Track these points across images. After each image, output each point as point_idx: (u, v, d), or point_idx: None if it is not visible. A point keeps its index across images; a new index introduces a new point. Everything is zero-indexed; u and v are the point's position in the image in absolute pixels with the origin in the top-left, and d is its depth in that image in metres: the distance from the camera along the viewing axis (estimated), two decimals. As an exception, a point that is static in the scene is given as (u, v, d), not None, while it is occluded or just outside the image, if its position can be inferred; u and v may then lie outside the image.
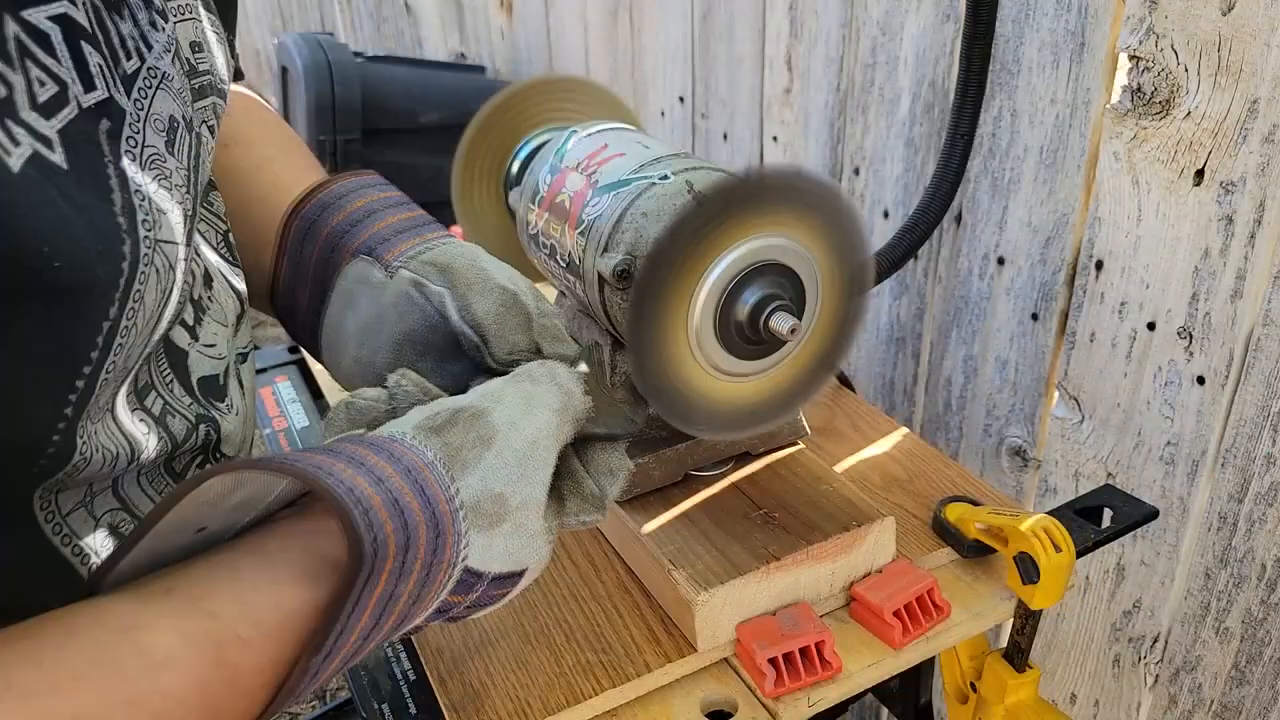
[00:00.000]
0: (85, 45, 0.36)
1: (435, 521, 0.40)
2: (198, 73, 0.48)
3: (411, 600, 0.39)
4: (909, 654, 0.59)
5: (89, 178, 0.35)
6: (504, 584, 0.44)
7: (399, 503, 0.38)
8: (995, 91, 0.90)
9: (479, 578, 0.43)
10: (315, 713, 1.60)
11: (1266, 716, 0.81)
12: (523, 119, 0.73)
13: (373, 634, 0.39)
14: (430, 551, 0.39)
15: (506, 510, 0.43)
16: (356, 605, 0.36)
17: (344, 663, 0.39)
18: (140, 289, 0.37)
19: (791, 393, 0.56)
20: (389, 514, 0.38)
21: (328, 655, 0.36)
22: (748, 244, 0.50)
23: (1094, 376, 0.88)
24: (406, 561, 0.38)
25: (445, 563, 0.40)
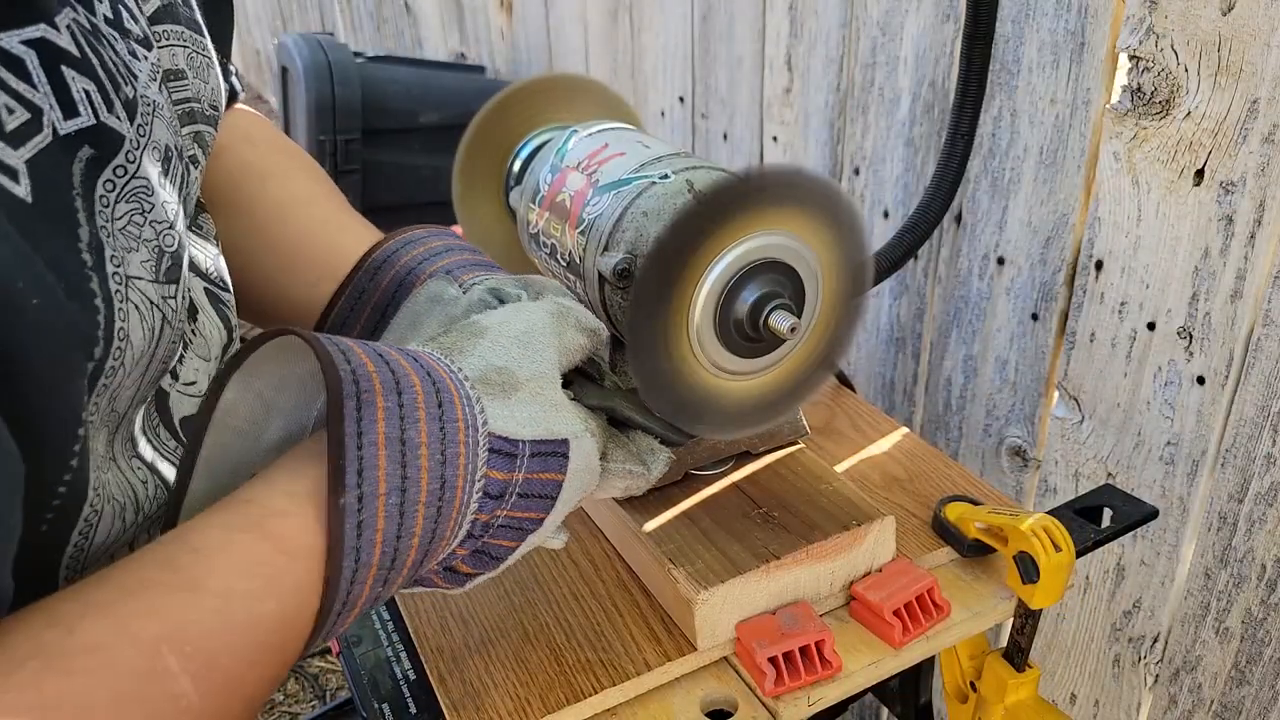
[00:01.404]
0: (68, 71, 0.36)
1: (429, 376, 0.41)
2: (176, 101, 0.48)
3: (438, 456, 0.39)
4: (909, 653, 0.59)
5: (55, 211, 0.34)
6: (549, 462, 0.44)
7: (383, 355, 0.40)
8: (995, 91, 0.90)
9: (515, 446, 0.43)
10: (315, 713, 1.60)
11: (1266, 716, 0.81)
12: (523, 118, 0.73)
13: (406, 487, 0.38)
14: (433, 402, 0.40)
15: (516, 381, 0.44)
16: (361, 436, 0.37)
17: (390, 522, 0.38)
18: (124, 326, 0.36)
19: (791, 392, 0.56)
20: (369, 357, 0.39)
21: (360, 498, 0.37)
22: (748, 242, 0.50)
23: (1094, 376, 0.88)
24: (404, 404, 0.39)
25: (460, 421, 0.41)
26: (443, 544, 0.42)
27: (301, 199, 0.65)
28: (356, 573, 0.38)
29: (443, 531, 0.41)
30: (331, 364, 0.38)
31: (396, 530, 0.39)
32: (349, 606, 0.39)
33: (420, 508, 0.39)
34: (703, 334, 0.51)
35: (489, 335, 0.46)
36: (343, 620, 0.39)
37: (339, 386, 0.37)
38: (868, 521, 0.60)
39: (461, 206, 0.74)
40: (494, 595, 0.63)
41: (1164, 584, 0.87)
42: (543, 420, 0.45)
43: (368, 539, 0.37)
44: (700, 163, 0.59)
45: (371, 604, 0.41)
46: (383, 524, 0.38)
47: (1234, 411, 0.77)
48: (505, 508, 0.44)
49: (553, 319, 0.49)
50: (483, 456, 0.42)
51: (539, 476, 0.44)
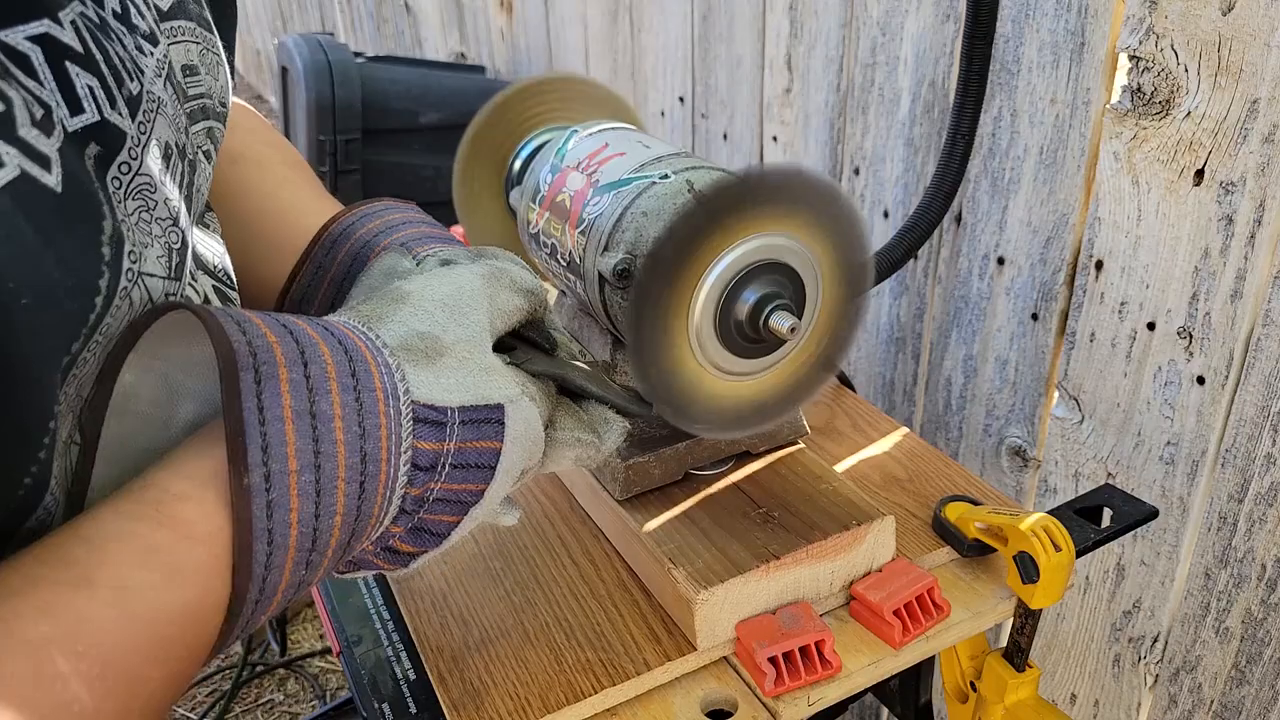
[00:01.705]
0: (72, 66, 0.35)
1: (341, 345, 0.39)
2: (189, 97, 0.47)
3: (355, 429, 0.37)
4: (909, 653, 0.59)
5: (82, 202, 0.34)
6: (484, 429, 0.42)
7: (288, 326, 0.38)
8: (995, 91, 0.90)
9: (443, 415, 0.41)
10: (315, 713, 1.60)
11: (1266, 716, 0.81)
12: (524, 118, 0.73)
13: (321, 463, 0.36)
14: (345, 372, 0.38)
15: (442, 346, 0.42)
16: (264, 412, 0.35)
17: (305, 501, 0.36)
18: (110, 323, 0.35)
19: (792, 392, 0.56)
20: (270, 328, 0.37)
21: (268, 477, 0.35)
22: (748, 243, 0.50)
23: (1094, 376, 0.88)
24: (312, 376, 0.37)
25: (379, 390, 0.39)
26: (371, 522, 0.40)
27: (271, 181, 0.64)
28: (271, 556, 0.35)
29: (369, 509, 0.39)
30: (224, 337, 0.36)
31: (314, 509, 0.36)
32: (268, 593, 0.36)
33: (340, 484, 0.37)
34: (703, 334, 0.51)
35: (411, 300, 0.44)
36: (261, 609, 0.37)
37: (233, 359, 0.35)
38: (867, 521, 0.60)
39: (462, 206, 0.74)
40: (494, 595, 0.63)
41: (1164, 584, 0.87)
42: (472, 386, 0.42)
43: (281, 519, 0.35)
44: (700, 163, 0.59)
45: (297, 589, 0.39)
46: (297, 503, 0.36)
47: (1234, 411, 0.77)
48: (439, 480, 0.41)
49: (484, 281, 0.46)
50: (407, 427, 0.40)
51: (473, 445, 0.42)
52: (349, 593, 0.67)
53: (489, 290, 0.46)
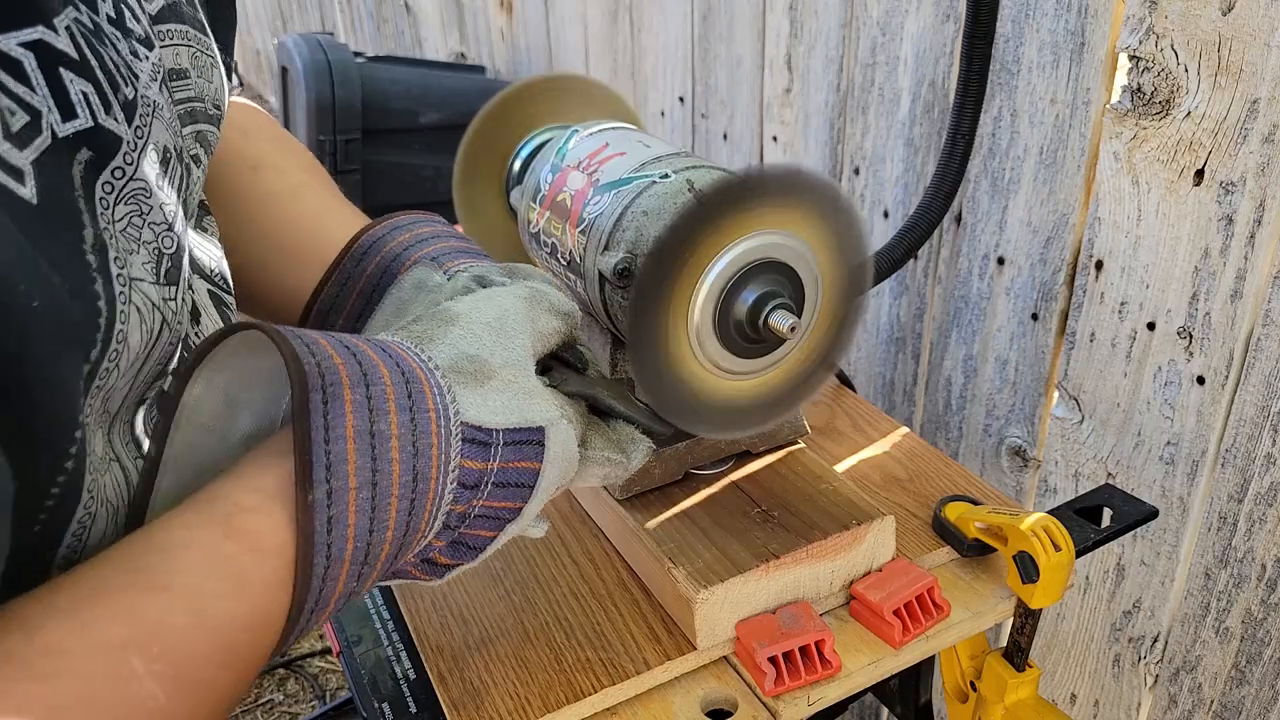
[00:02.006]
0: (66, 72, 0.35)
1: (399, 367, 0.41)
2: (178, 101, 0.48)
3: (409, 448, 0.39)
4: (909, 653, 0.59)
5: (60, 213, 0.34)
6: (525, 450, 0.44)
7: (350, 348, 0.40)
8: (995, 91, 0.90)
9: (489, 435, 0.43)
10: (315, 713, 1.60)
11: (1266, 716, 0.81)
12: (525, 118, 0.73)
13: (378, 480, 0.38)
14: (403, 393, 0.40)
15: (490, 369, 0.44)
16: (329, 431, 0.36)
17: (362, 517, 0.37)
18: (123, 329, 0.36)
19: (791, 391, 0.56)
20: (336, 350, 0.39)
21: (330, 494, 0.36)
22: (747, 242, 0.50)
23: (1094, 376, 0.88)
24: (373, 396, 0.38)
25: (431, 410, 0.40)
26: (418, 537, 0.42)
27: (293, 188, 0.65)
28: (329, 569, 0.37)
29: (417, 524, 0.41)
30: (296, 358, 0.37)
31: (369, 525, 0.38)
32: (322, 604, 0.38)
33: (393, 501, 0.39)
34: (703, 333, 0.51)
35: (460, 322, 0.46)
36: (316, 617, 0.38)
37: (304, 381, 0.37)
38: (867, 521, 0.60)
39: (462, 206, 0.74)
40: (494, 595, 0.63)
41: (1164, 584, 0.87)
42: (517, 409, 0.44)
43: (339, 534, 0.37)
44: (700, 162, 0.59)
45: (346, 599, 0.40)
46: (354, 519, 0.37)
47: (1234, 411, 0.77)
48: (481, 498, 0.43)
49: (526, 304, 0.48)
50: (456, 447, 0.41)
51: (515, 466, 0.44)
52: (349, 592, 0.67)
53: (531, 314, 0.48)
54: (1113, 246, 0.83)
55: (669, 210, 0.55)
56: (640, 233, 0.55)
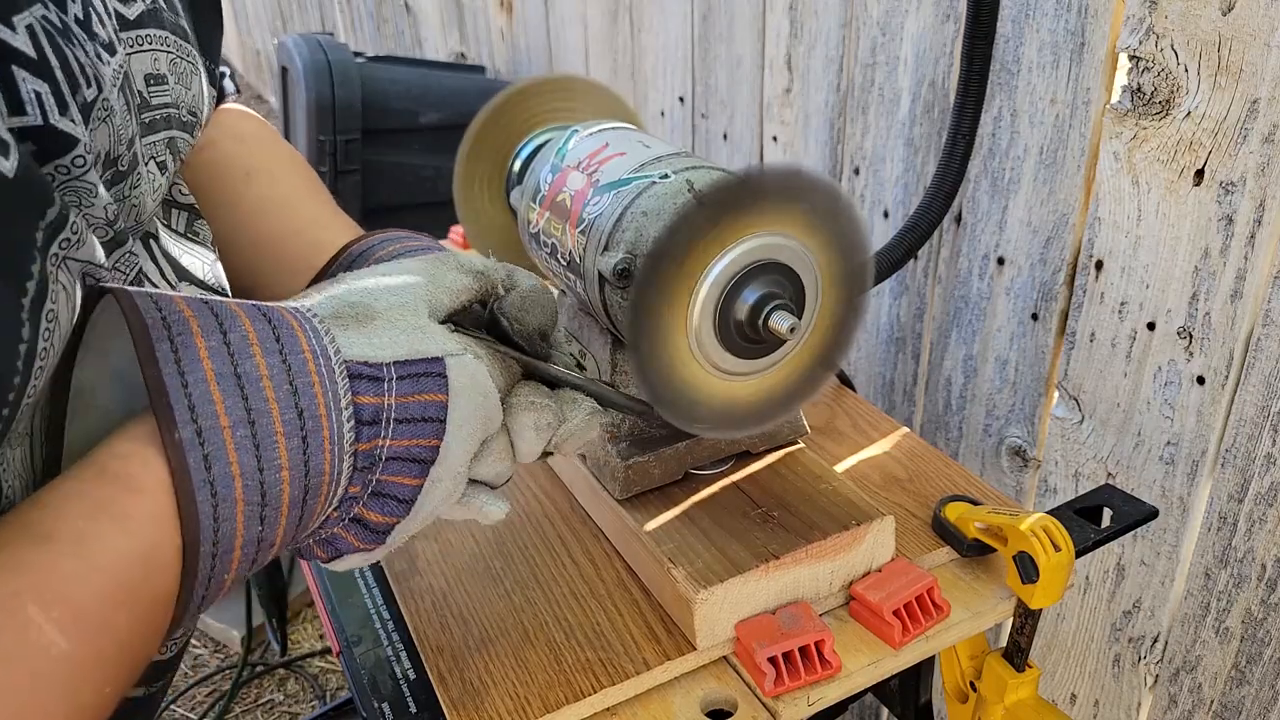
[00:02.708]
0: (19, 71, 0.35)
1: (264, 315, 0.41)
2: (150, 106, 0.47)
3: (285, 387, 0.39)
4: (908, 653, 0.59)
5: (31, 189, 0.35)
6: (424, 382, 0.43)
7: (206, 301, 0.40)
8: (995, 91, 0.90)
9: (378, 370, 0.42)
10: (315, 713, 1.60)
11: (1266, 716, 0.81)
12: (525, 118, 0.73)
13: (255, 419, 0.38)
14: (268, 337, 0.40)
15: (373, 311, 0.44)
16: (185, 376, 0.37)
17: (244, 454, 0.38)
18: (53, 309, 0.36)
19: (791, 392, 0.56)
20: (187, 304, 0.39)
21: (199, 433, 0.37)
22: (747, 243, 0.50)
23: (1094, 376, 0.88)
24: (232, 343, 0.39)
25: (306, 351, 0.40)
26: (324, 479, 0.41)
27: (286, 196, 0.65)
28: (219, 507, 0.37)
29: (318, 465, 0.40)
30: (135, 309, 0.37)
31: (256, 462, 0.38)
32: (222, 547, 0.38)
33: (280, 439, 0.39)
34: (702, 334, 0.51)
35: (345, 281, 0.46)
36: (222, 564, 0.38)
37: (144, 329, 0.37)
38: (867, 521, 0.60)
39: (462, 206, 0.74)
40: (494, 594, 0.63)
41: (1164, 584, 0.87)
42: (405, 342, 0.44)
43: (222, 471, 0.37)
44: (700, 162, 0.59)
45: (259, 547, 0.40)
46: (235, 455, 0.37)
47: (1234, 411, 0.77)
48: (386, 435, 0.42)
49: (424, 262, 0.48)
50: (343, 384, 0.41)
51: (416, 399, 0.43)
52: (349, 593, 0.67)
53: (430, 269, 0.48)
54: (1113, 246, 0.83)
55: (669, 211, 0.55)
56: (640, 233, 0.55)
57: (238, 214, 0.63)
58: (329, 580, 0.68)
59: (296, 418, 0.39)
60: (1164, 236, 0.79)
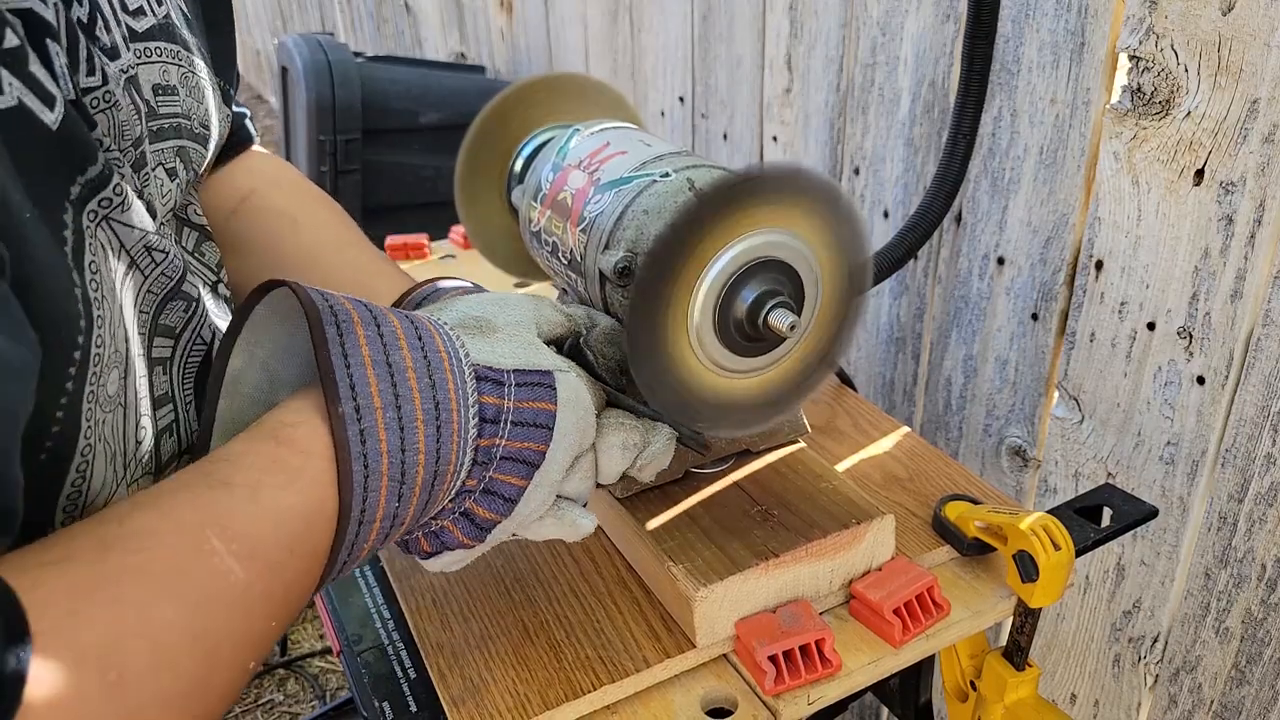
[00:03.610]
0: (52, 44, 0.37)
1: (407, 318, 0.45)
2: (157, 114, 0.49)
3: (425, 380, 0.43)
4: (908, 652, 0.59)
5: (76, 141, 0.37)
6: (537, 391, 0.47)
7: (362, 300, 0.45)
8: (995, 91, 0.90)
9: (500, 375, 0.47)
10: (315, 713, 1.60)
11: (1266, 716, 0.81)
12: (526, 117, 0.73)
13: (401, 404, 0.42)
14: (413, 335, 0.44)
15: (494, 326, 0.49)
16: (348, 358, 0.41)
17: (391, 434, 0.42)
18: (94, 260, 0.38)
19: (791, 390, 0.56)
20: (347, 299, 0.44)
21: (358, 409, 0.41)
22: (747, 241, 0.50)
23: (1094, 376, 0.88)
24: (385, 335, 0.43)
25: (442, 351, 0.45)
26: (450, 468, 0.45)
27: (333, 244, 0.69)
28: (369, 479, 0.41)
29: (447, 454, 0.44)
30: (310, 300, 0.42)
31: (400, 443, 0.42)
32: (368, 516, 0.41)
33: (419, 425, 0.43)
34: (702, 332, 0.51)
35: (465, 300, 0.51)
36: (365, 531, 0.42)
37: (318, 315, 0.42)
38: (867, 520, 0.60)
39: (464, 205, 0.74)
40: (494, 592, 0.63)
41: (1164, 584, 0.87)
42: (523, 355, 0.48)
43: (373, 447, 0.41)
44: (701, 161, 0.59)
45: (393, 524, 0.43)
46: (384, 434, 0.41)
47: (1234, 411, 0.77)
48: (504, 436, 0.46)
49: (529, 297, 0.53)
50: (471, 384, 0.45)
51: (530, 405, 0.47)
52: (349, 592, 0.67)
53: (533, 301, 0.53)
54: (1113, 246, 0.83)
55: (669, 209, 0.55)
56: (641, 231, 0.56)
57: (288, 261, 0.67)
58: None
59: (433, 408, 0.43)
60: (1164, 236, 0.79)
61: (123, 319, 0.40)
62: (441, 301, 0.53)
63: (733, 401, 0.54)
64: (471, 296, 0.52)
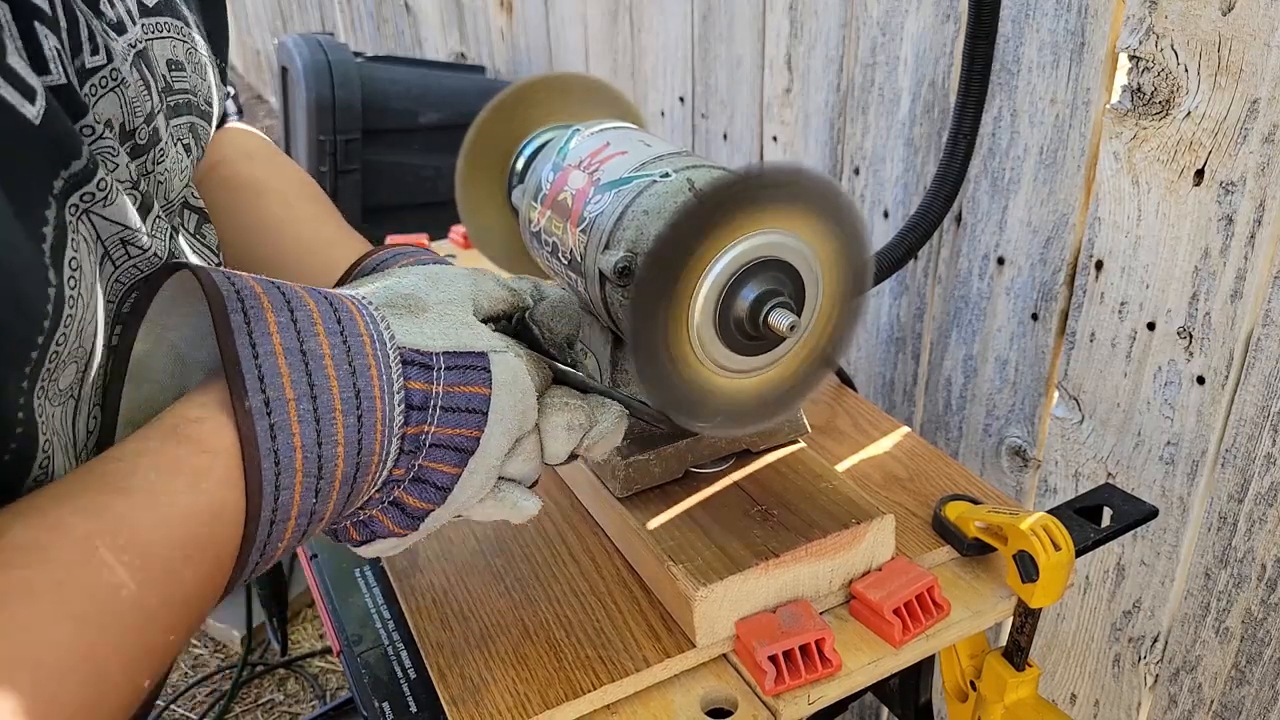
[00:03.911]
0: (40, 27, 0.36)
1: (326, 299, 0.43)
2: (173, 90, 0.48)
3: (345, 367, 0.41)
4: (908, 652, 0.59)
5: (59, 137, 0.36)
6: (469, 374, 0.45)
7: (274, 282, 0.42)
8: (995, 91, 0.90)
9: (429, 359, 0.44)
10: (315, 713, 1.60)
11: (1266, 716, 0.81)
12: (526, 117, 0.73)
13: (317, 394, 0.40)
14: (330, 318, 0.42)
15: (424, 304, 0.46)
16: (256, 347, 0.39)
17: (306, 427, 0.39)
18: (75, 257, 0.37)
19: (792, 390, 0.56)
20: (257, 282, 0.41)
21: (267, 403, 0.38)
22: (748, 241, 0.50)
23: (1094, 376, 0.88)
24: (299, 320, 0.41)
25: (365, 335, 0.42)
26: (374, 458, 0.43)
27: (298, 216, 0.67)
28: (280, 476, 0.39)
29: (370, 444, 0.42)
30: (213, 284, 0.39)
31: (316, 436, 0.40)
32: (280, 515, 0.39)
33: (337, 415, 0.40)
34: (703, 332, 0.51)
35: (394, 274, 0.49)
36: (279, 531, 0.40)
37: (221, 302, 0.39)
38: (867, 520, 0.60)
39: (464, 205, 0.74)
40: (494, 592, 0.63)
41: (1164, 584, 0.87)
42: (454, 335, 0.46)
43: (285, 442, 0.39)
44: (701, 161, 0.59)
45: (311, 520, 0.41)
46: (298, 428, 0.39)
47: (1234, 411, 0.77)
48: (432, 422, 0.44)
49: (469, 271, 0.51)
50: (396, 369, 0.43)
51: (461, 389, 0.45)
52: (349, 592, 0.67)
53: (471, 275, 0.50)
54: (1113, 246, 0.83)
55: (670, 209, 0.55)
56: (641, 231, 0.56)
57: (252, 232, 0.65)
58: (329, 579, 0.68)
59: (354, 397, 0.41)
60: (1164, 236, 0.79)
61: (95, 315, 0.39)
62: (374, 275, 0.50)
63: (733, 401, 0.54)
64: (403, 271, 0.49)
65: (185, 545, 0.36)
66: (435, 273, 0.49)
